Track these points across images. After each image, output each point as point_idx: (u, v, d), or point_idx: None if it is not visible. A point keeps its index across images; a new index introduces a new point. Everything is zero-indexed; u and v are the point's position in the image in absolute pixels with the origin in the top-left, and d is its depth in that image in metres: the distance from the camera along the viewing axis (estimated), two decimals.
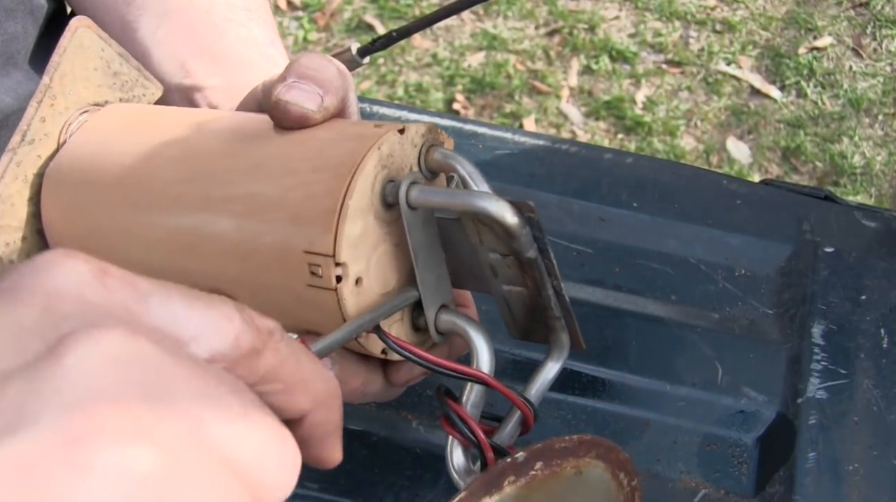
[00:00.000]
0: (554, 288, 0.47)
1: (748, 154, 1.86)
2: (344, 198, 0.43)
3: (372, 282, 0.46)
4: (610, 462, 0.42)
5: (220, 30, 0.60)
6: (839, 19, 2.05)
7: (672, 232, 0.65)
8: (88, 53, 0.53)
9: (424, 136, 0.47)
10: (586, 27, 2.02)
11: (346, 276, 0.44)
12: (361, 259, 0.45)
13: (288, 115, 0.47)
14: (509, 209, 0.43)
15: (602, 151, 0.70)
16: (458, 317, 0.48)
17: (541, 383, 0.49)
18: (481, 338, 0.47)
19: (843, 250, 0.64)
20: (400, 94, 1.92)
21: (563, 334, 0.49)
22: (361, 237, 0.45)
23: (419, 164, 0.47)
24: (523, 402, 0.46)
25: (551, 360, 0.49)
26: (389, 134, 0.45)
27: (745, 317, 0.63)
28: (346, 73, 0.51)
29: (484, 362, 0.46)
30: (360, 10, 2.07)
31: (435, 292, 0.48)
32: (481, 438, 0.44)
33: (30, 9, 0.64)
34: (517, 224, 0.43)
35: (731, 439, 0.58)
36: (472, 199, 0.44)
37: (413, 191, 0.45)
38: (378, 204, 0.45)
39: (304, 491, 0.56)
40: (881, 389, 0.58)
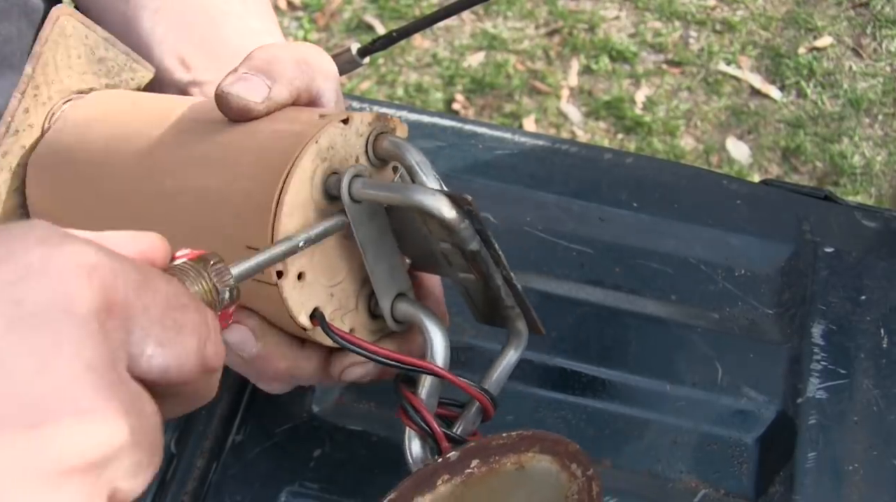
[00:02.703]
0: (504, 277, 0.47)
1: (748, 154, 1.86)
2: (280, 194, 0.43)
3: (317, 274, 0.46)
4: (557, 454, 0.41)
5: (217, 22, 0.60)
6: (839, 19, 2.05)
7: (672, 232, 0.65)
8: (71, 41, 0.52)
9: (372, 125, 0.47)
10: (586, 27, 2.02)
11: (286, 272, 0.44)
12: (302, 255, 0.45)
13: (230, 108, 0.47)
14: (446, 203, 0.43)
15: (602, 151, 0.70)
16: (414, 306, 0.48)
17: (500, 372, 0.48)
18: (436, 328, 0.46)
19: (843, 250, 0.64)
20: (400, 94, 1.92)
21: (518, 323, 0.49)
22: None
23: (366, 154, 0.47)
24: (478, 392, 0.46)
25: (510, 348, 0.49)
26: (330, 126, 0.45)
27: (745, 317, 0.63)
28: (314, 65, 0.51)
29: (438, 353, 0.46)
30: (360, 10, 2.07)
31: (388, 282, 0.48)
32: (435, 429, 0.44)
33: (25, 10, 0.64)
34: (454, 218, 0.43)
35: (731, 439, 0.58)
36: (409, 193, 0.43)
37: (355, 185, 0.45)
38: (320, 197, 0.45)
39: (304, 491, 0.56)
40: (881, 389, 0.58)
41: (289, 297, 0.45)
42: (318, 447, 0.57)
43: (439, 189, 0.44)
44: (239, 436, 0.58)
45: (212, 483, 0.56)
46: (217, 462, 0.57)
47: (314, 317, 0.46)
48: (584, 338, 0.60)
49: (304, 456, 0.57)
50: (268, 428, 0.58)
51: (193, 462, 0.56)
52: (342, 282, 0.48)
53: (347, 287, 0.48)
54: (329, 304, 0.47)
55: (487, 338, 0.58)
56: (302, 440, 0.57)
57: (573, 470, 0.42)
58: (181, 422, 0.57)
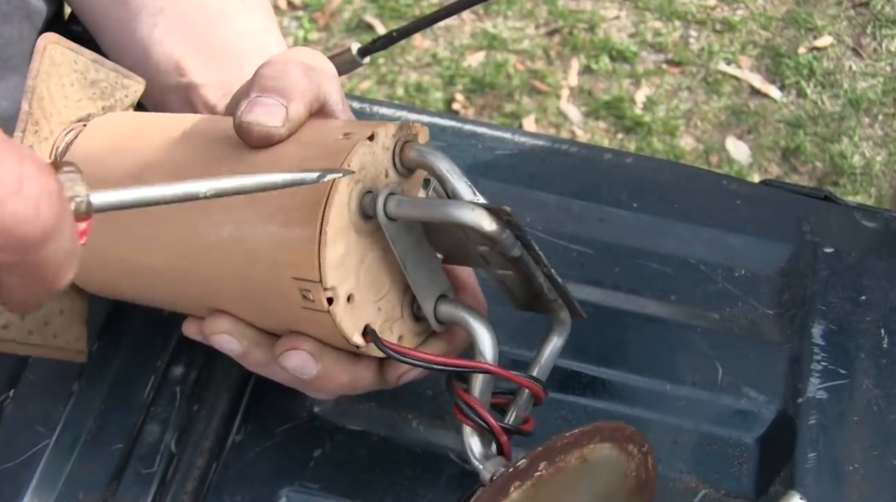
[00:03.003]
0: (545, 275, 0.47)
1: (748, 154, 1.86)
2: (321, 224, 0.43)
3: (364, 292, 0.46)
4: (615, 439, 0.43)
5: (214, 23, 0.60)
6: (839, 19, 2.05)
7: (672, 232, 0.66)
8: (62, 70, 0.52)
9: (396, 136, 0.47)
10: (586, 27, 2.02)
11: (336, 298, 0.45)
12: (350, 276, 0.45)
13: (252, 137, 0.47)
14: (486, 216, 0.43)
15: (602, 151, 0.70)
16: (457, 307, 0.48)
17: (547, 358, 0.50)
18: (481, 326, 0.47)
19: (843, 250, 0.64)
20: (400, 94, 1.92)
21: (561, 313, 0.50)
22: (345, 257, 0.45)
23: (394, 165, 0.47)
24: (529, 381, 0.48)
25: (554, 335, 0.50)
26: (358, 146, 0.45)
27: (745, 317, 0.63)
28: (318, 69, 0.51)
29: (486, 350, 0.47)
30: (360, 10, 2.07)
31: (429, 286, 0.48)
32: (492, 424, 0.46)
33: (27, 13, 0.64)
34: (496, 230, 0.44)
35: (731, 439, 0.58)
36: (449, 210, 0.44)
37: (390, 204, 0.45)
38: (357, 219, 0.45)
39: (304, 491, 0.56)
40: (881, 389, 0.58)
41: (342, 322, 0.45)
42: (318, 447, 0.57)
43: (476, 202, 0.44)
44: (239, 436, 0.58)
45: (212, 483, 0.56)
46: (217, 462, 0.57)
47: (366, 334, 0.47)
48: (584, 338, 0.60)
49: (304, 456, 0.57)
50: (268, 428, 0.58)
51: (193, 462, 0.56)
52: (387, 294, 0.48)
53: (392, 297, 0.49)
54: (377, 318, 0.48)
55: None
56: (302, 440, 0.57)
57: (630, 449, 0.44)
58: (181, 422, 0.57)
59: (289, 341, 0.48)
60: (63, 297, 0.54)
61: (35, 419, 0.56)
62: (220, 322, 0.49)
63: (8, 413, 0.57)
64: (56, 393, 0.58)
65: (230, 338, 0.49)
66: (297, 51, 0.52)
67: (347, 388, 0.50)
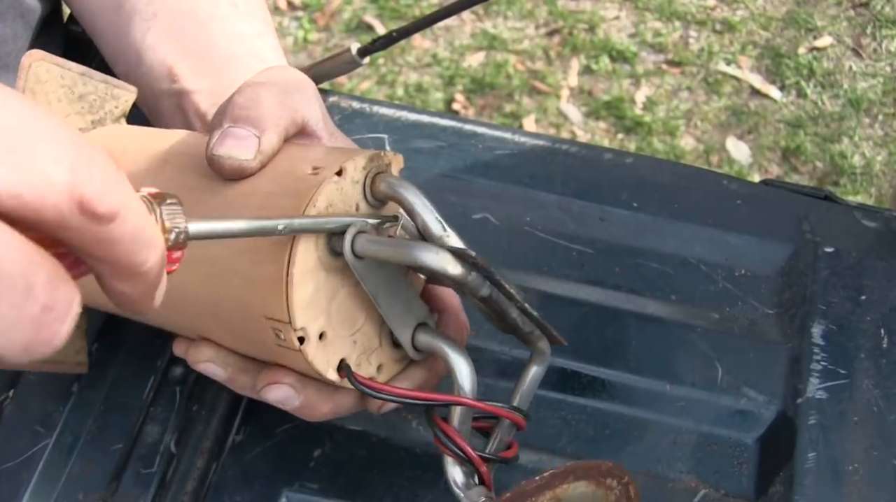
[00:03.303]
0: (519, 309, 0.47)
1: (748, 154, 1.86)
2: (288, 264, 0.43)
3: (337, 328, 0.46)
4: (590, 477, 0.43)
5: (206, 27, 0.60)
6: (839, 19, 2.05)
7: (672, 232, 0.65)
8: (48, 87, 0.51)
9: (366, 169, 0.46)
10: (586, 27, 2.02)
11: (307, 337, 0.45)
12: (320, 315, 0.45)
13: (224, 170, 0.46)
14: (451, 261, 0.43)
15: (602, 151, 0.70)
16: (434, 337, 0.48)
17: (527, 387, 0.50)
18: (459, 357, 0.47)
19: (843, 250, 0.64)
20: (400, 94, 1.92)
21: (540, 343, 0.50)
22: (315, 295, 0.45)
23: (365, 198, 0.47)
24: (509, 412, 0.48)
25: (533, 365, 0.50)
26: (324, 185, 0.44)
27: (745, 317, 0.63)
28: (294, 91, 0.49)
29: (464, 382, 0.46)
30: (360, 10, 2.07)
31: (405, 317, 0.48)
32: (472, 455, 0.46)
33: (20, 12, 0.64)
34: (461, 274, 0.43)
35: (731, 439, 0.58)
36: (413, 253, 0.43)
37: (358, 242, 0.44)
38: (326, 256, 0.45)
39: (304, 491, 0.56)
40: (881, 389, 0.58)
41: (314, 360, 0.45)
42: (318, 447, 0.57)
43: (441, 246, 0.44)
44: (239, 436, 0.58)
45: (212, 483, 0.56)
46: (217, 462, 0.57)
47: (341, 369, 0.47)
48: (584, 338, 0.60)
49: (304, 456, 0.57)
50: (268, 428, 0.58)
51: (193, 462, 0.56)
52: (363, 327, 0.48)
53: (368, 329, 0.48)
54: (353, 351, 0.48)
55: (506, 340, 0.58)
56: (302, 440, 0.57)
57: (609, 483, 0.43)
58: (181, 422, 0.57)
59: (270, 375, 0.48)
60: None
61: (35, 419, 0.57)
62: (204, 350, 0.50)
63: (8, 413, 0.57)
64: (56, 393, 0.58)
65: (214, 366, 0.50)
66: (274, 72, 0.51)
67: (330, 415, 0.50)
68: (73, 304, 0.29)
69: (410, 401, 0.47)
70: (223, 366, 0.50)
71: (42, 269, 0.28)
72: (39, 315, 0.28)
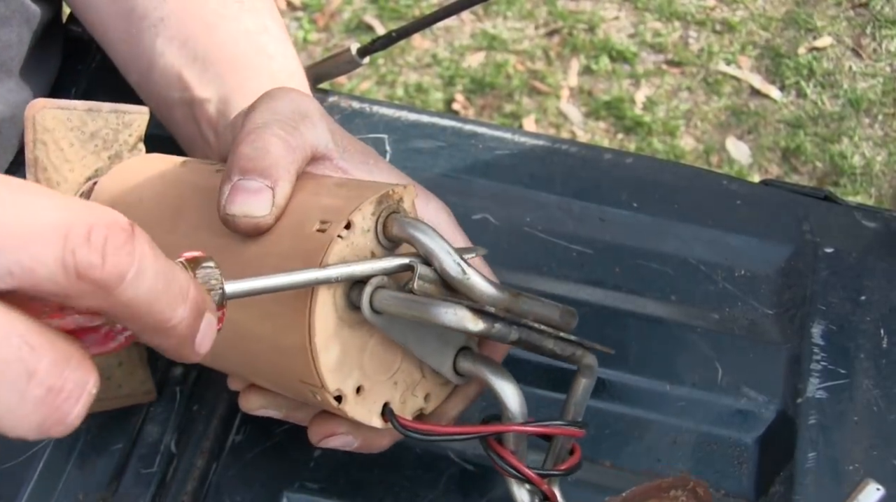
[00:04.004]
0: (553, 337, 0.46)
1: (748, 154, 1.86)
2: (310, 335, 0.43)
3: (374, 378, 0.46)
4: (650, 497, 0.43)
5: (212, 28, 0.59)
6: (839, 19, 2.05)
7: (672, 232, 0.65)
8: (57, 134, 0.50)
9: (374, 214, 0.45)
10: (586, 27, 2.02)
11: (344, 396, 0.45)
12: (353, 371, 0.45)
13: (239, 229, 0.45)
14: (469, 317, 0.41)
15: (602, 151, 0.70)
16: (475, 364, 0.47)
17: (579, 399, 0.49)
18: (503, 382, 0.46)
19: (843, 250, 0.64)
20: (400, 94, 1.92)
21: (585, 359, 0.49)
22: (343, 356, 0.44)
23: (379, 243, 0.45)
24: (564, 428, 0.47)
25: (582, 379, 0.49)
26: (332, 245, 0.43)
27: (745, 317, 0.63)
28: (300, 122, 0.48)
29: (513, 408, 0.46)
30: (360, 10, 2.07)
31: (442, 351, 0.47)
32: (531, 477, 0.45)
33: (25, 17, 0.64)
34: (483, 330, 0.42)
35: (731, 439, 0.58)
36: (431, 313, 0.42)
37: (376, 300, 0.43)
38: (347, 314, 0.44)
39: (304, 491, 0.56)
40: (881, 389, 0.58)
41: (356, 415, 0.45)
42: (317, 447, 0.57)
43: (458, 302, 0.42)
44: (239, 436, 0.58)
45: (212, 483, 0.56)
46: (217, 462, 0.57)
47: (384, 414, 0.47)
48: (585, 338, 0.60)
49: (304, 456, 0.57)
50: (268, 428, 0.58)
51: (193, 462, 0.56)
52: (400, 366, 0.47)
53: (408, 366, 0.48)
54: (396, 392, 0.47)
55: None
56: (302, 440, 0.57)
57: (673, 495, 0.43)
58: (181, 422, 0.57)
59: (323, 427, 0.49)
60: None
61: None
62: (254, 399, 0.50)
63: None
64: None
65: (267, 411, 0.51)
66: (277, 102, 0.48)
67: (391, 443, 0.51)
68: (88, 385, 0.30)
69: (462, 438, 0.46)
70: (276, 408, 0.51)
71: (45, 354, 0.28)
72: (45, 397, 0.29)
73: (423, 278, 0.44)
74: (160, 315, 0.31)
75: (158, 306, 0.31)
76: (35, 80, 0.66)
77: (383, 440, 0.50)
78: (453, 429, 0.47)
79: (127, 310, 0.30)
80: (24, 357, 0.28)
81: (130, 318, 0.31)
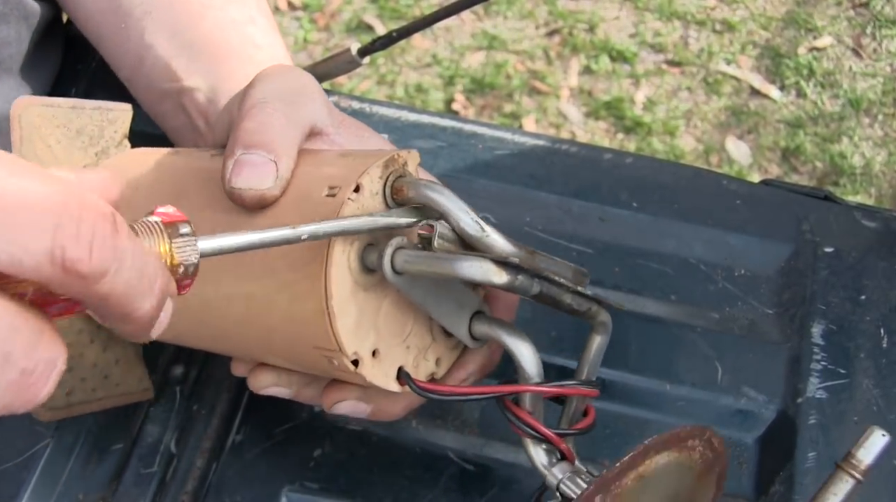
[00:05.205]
0: (571, 292, 0.47)
1: (748, 154, 1.86)
2: (326, 298, 0.43)
3: (388, 340, 0.46)
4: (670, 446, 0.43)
5: (198, 18, 0.59)
6: (839, 19, 2.05)
7: (672, 232, 0.65)
8: (44, 131, 0.50)
9: (382, 177, 0.45)
10: (586, 27, 2.02)
11: (361, 359, 0.45)
12: (370, 333, 0.45)
13: (245, 202, 0.45)
14: (495, 271, 0.42)
15: (602, 151, 0.70)
16: (491, 325, 0.48)
17: (593, 358, 0.49)
18: (519, 342, 0.46)
19: (843, 250, 0.64)
20: (400, 94, 1.92)
21: (600, 315, 0.49)
22: (359, 318, 0.44)
23: (387, 205, 0.46)
24: (580, 389, 0.47)
25: (597, 335, 0.50)
26: (344, 206, 0.43)
27: (745, 317, 0.63)
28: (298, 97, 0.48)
29: (529, 368, 0.46)
30: (360, 10, 2.07)
31: (458, 313, 0.47)
32: (549, 435, 0.45)
33: (23, 14, 0.64)
34: (507, 281, 0.42)
35: (731, 439, 0.58)
36: (456, 268, 0.42)
37: (397, 261, 0.43)
38: (362, 277, 0.44)
39: (304, 491, 0.56)
40: (881, 389, 0.58)
41: (373, 378, 0.46)
42: (318, 447, 0.57)
43: (483, 255, 0.42)
44: (239, 436, 0.58)
45: (212, 483, 0.56)
46: (217, 462, 0.57)
47: (400, 377, 0.47)
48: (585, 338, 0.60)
49: (304, 456, 0.57)
50: (268, 428, 0.58)
51: (193, 462, 0.56)
52: (412, 329, 0.48)
53: (419, 329, 0.48)
54: (409, 355, 0.48)
55: None
56: (302, 440, 0.57)
57: (690, 445, 0.43)
58: (181, 422, 0.57)
59: (334, 393, 0.49)
60: (115, 347, 0.54)
61: (35, 419, 0.56)
62: (264, 377, 0.50)
63: None
64: None
65: (278, 389, 0.50)
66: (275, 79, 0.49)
67: (404, 412, 0.51)
68: (57, 362, 0.29)
69: (479, 398, 0.46)
70: (287, 386, 0.50)
71: (20, 335, 0.28)
72: (18, 379, 0.28)
73: (443, 237, 0.44)
74: (129, 306, 0.31)
75: (129, 298, 0.31)
76: (35, 79, 0.66)
77: (396, 407, 0.50)
78: (470, 390, 0.47)
79: (101, 301, 0.30)
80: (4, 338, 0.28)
81: (101, 307, 0.31)
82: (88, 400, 0.53)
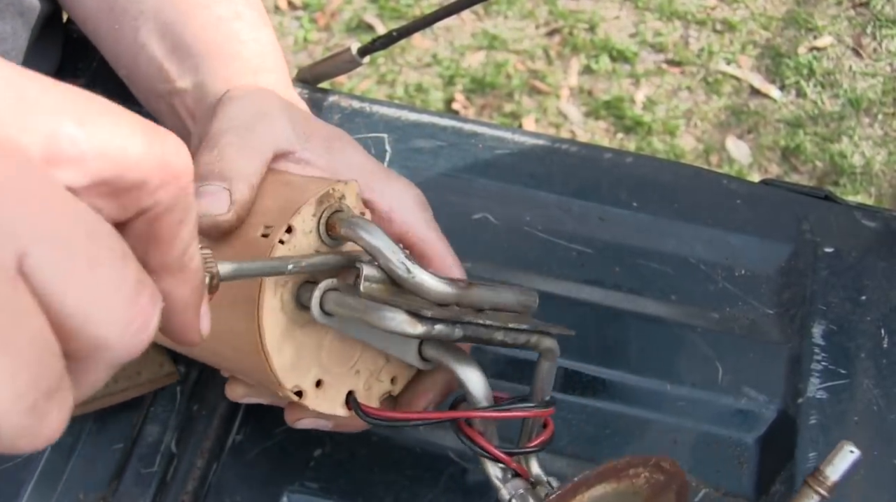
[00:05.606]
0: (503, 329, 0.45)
1: (748, 154, 1.86)
2: (260, 338, 0.44)
3: (334, 370, 0.47)
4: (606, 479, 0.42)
5: (187, 17, 0.59)
6: (839, 19, 2.05)
7: (672, 232, 0.65)
8: None
9: (315, 215, 0.45)
10: (586, 27, 2.02)
11: (304, 391, 0.46)
12: (311, 368, 0.46)
13: (202, 231, 0.45)
14: (408, 321, 0.41)
15: (602, 151, 0.70)
16: (439, 350, 0.47)
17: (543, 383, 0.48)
18: (466, 367, 0.46)
19: (843, 250, 0.64)
20: (400, 94, 1.92)
21: (544, 342, 0.48)
22: (297, 355, 0.45)
23: (323, 242, 0.46)
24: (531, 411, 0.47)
25: (545, 362, 0.48)
26: (274, 249, 0.43)
27: (745, 317, 0.63)
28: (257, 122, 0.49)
29: (477, 393, 0.45)
30: (360, 10, 2.07)
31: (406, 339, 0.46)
32: (500, 457, 0.45)
33: (19, 10, 0.64)
34: (422, 332, 0.42)
35: (732, 439, 0.58)
36: (373, 317, 0.42)
37: (326, 303, 0.44)
38: (298, 315, 0.45)
39: (304, 491, 0.56)
40: (881, 389, 0.58)
41: (318, 407, 0.46)
42: (318, 447, 0.57)
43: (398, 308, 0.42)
44: (239, 436, 0.58)
45: (212, 483, 0.56)
46: (217, 462, 0.57)
47: (349, 402, 0.47)
48: (584, 338, 0.60)
49: (304, 456, 0.57)
50: (268, 428, 0.58)
51: (193, 462, 0.56)
52: (361, 355, 0.48)
53: (369, 354, 0.48)
54: (359, 380, 0.48)
55: None
56: (302, 440, 0.57)
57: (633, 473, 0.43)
58: (181, 422, 0.57)
59: (295, 411, 0.50)
60: None
61: None
62: (237, 389, 0.52)
63: None
64: None
65: (252, 398, 0.52)
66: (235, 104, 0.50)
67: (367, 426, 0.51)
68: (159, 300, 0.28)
69: (425, 423, 0.47)
70: (259, 396, 0.52)
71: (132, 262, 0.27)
72: (146, 303, 0.27)
73: (370, 279, 0.44)
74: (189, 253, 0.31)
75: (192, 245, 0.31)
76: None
77: (358, 422, 0.50)
78: (420, 415, 0.47)
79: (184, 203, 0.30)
80: (119, 266, 0.27)
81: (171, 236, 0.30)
82: (112, 393, 0.54)
